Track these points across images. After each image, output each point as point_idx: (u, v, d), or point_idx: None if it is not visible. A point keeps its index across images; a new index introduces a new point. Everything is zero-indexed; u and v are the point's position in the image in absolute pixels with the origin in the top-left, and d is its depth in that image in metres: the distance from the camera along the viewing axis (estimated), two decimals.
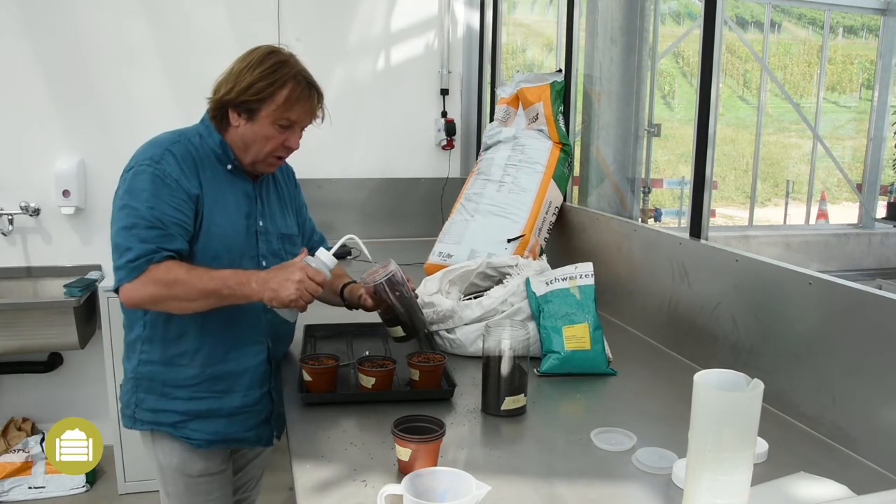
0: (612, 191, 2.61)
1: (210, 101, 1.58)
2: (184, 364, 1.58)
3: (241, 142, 1.57)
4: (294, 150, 1.61)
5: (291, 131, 1.57)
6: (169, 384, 1.59)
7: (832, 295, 1.38)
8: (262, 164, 1.60)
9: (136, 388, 1.61)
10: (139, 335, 1.59)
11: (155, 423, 1.62)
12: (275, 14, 3.29)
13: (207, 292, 1.43)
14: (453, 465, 1.18)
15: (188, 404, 1.60)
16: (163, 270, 1.42)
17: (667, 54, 7.54)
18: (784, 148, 12.34)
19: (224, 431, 1.64)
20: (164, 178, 1.48)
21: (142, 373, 1.60)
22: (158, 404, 1.60)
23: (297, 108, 1.54)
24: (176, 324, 1.55)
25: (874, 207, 5.18)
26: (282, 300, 1.41)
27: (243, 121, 1.55)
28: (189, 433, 1.61)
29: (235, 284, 1.43)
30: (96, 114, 3.17)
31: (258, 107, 1.52)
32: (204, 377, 1.59)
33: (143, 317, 1.57)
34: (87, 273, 3.17)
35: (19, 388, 3.29)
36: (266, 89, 1.50)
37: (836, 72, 13.71)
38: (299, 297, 1.41)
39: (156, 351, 1.58)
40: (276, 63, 1.53)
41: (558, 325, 1.69)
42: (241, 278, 1.44)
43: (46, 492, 2.98)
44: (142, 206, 1.46)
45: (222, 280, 1.43)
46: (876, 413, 1.27)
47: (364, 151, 3.52)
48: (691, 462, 0.99)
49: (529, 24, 9.39)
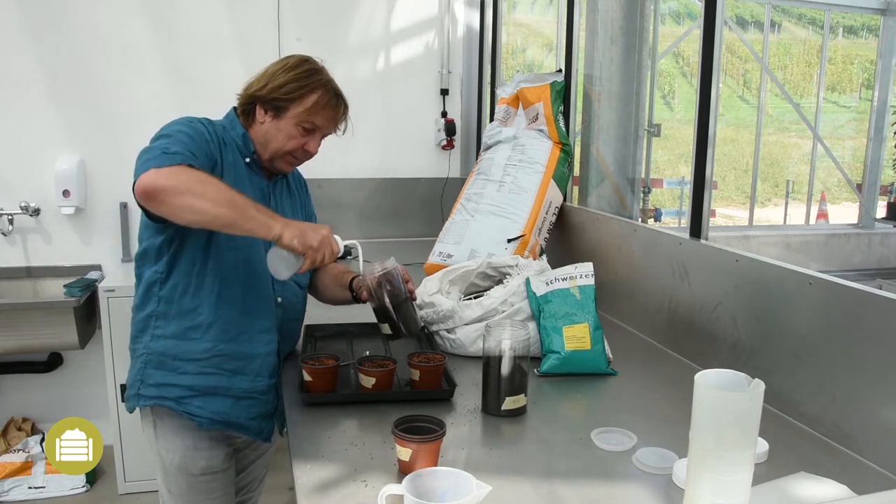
0: (612, 191, 2.61)
1: (240, 96, 1.64)
2: (196, 337, 1.58)
3: (264, 137, 1.62)
4: (312, 156, 1.66)
5: (313, 136, 1.63)
6: (180, 358, 1.59)
7: (832, 295, 1.38)
8: (280, 160, 1.64)
9: (146, 364, 1.61)
10: (153, 311, 1.59)
11: (158, 398, 1.60)
12: (275, 14, 3.29)
13: (234, 202, 1.38)
14: (453, 465, 1.18)
15: (196, 378, 1.59)
16: (196, 170, 1.39)
17: (667, 54, 7.54)
18: (784, 148, 12.34)
19: (228, 413, 1.63)
20: (197, 128, 1.53)
21: (154, 348, 1.59)
22: (165, 378, 1.60)
23: (323, 114, 1.61)
24: (191, 296, 1.57)
25: (874, 207, 5.19)
26: (305, 243, 1.42)
27: (269, 118, 1.60)
28: (192, 409, 1.60)
29: (263, 209, 1.43)
30: (96, 114, 3.18)
31: (286, 105, 1.58)
32: (216, 352, 1.59)
33: (157, 292, 1.58)
34: (87, 273, 3.17)
35: (19, 388, 3.29)
36: (297, 91, 1.57)
37: (836, 72, 13.70)
38: (320, 248, 1.43)
39: (170, 325, 1.58)
40: (310, 69, 1.61)
41: (558, 325, 1.69)
42: (267, 210, 1.45)
43: (46, 492, 2.98)
44: (175, 132, 1.48)
45: (251, 201, 1.41)
46: (876, 413, 1.27)
47: (364, 151, 3.52)
48: (692, 462, 0.99)
49: (529, 24, 9.38)
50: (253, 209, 1.40)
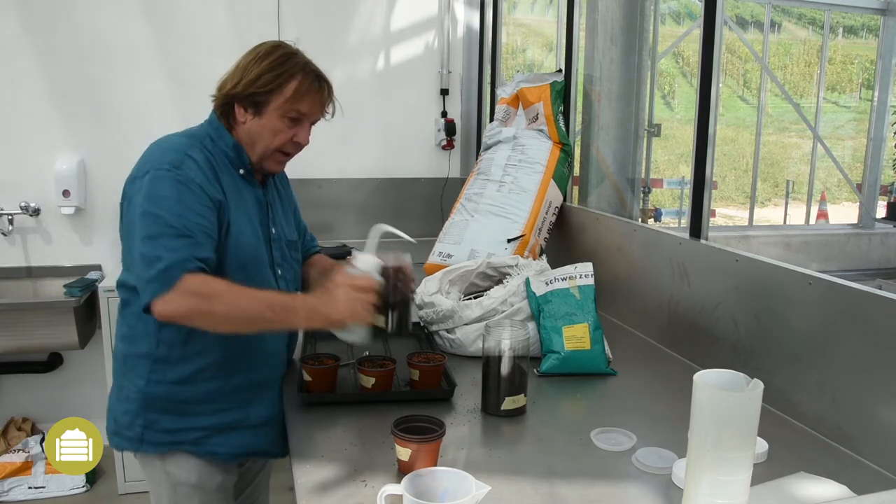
0: (612, 191, 2.61)
1: (215, 97, 1.52)
2: (206, 379, 1.47)
3: (248, 137, 1.51)
4: (303, 146, 1.55)
5: (301, 125, 1.51)
6: (189, 401, 1.47)
7: (832, 295, 1.38)
8: (270, 160, 1.54)
9: (146, 408, 1.47)
10: (149, 353, 1.46)
11: (172, 444, 1.48)
12: (275, 14, 3.29)
13: (250, 315, 1.31)
14: (453, 465, 1.18)
15: (211, 418, 1.49)
16: (199, 282, 1.30)
17: (667, 54, 7.54)
18: (784, 148, 12.35)
19: (248, 444, 1.56)
20: (188, 183, 1.38)
21: (153, 393, 1.46)
22: (176, 423, 1.47)
23: (307, 99, 1.49)
24: (197, 340, 1.44)
25: (874, 207, 5.19)
26: (332, 321, 1.33)
27: (250, 115, 1.49)
28: (213, 448, 1.51)
29: (280, 309, 1.33)
30: (96, 114, 3.18)
31: (266, 99, 1.47)
32: (228, 388, 1.49)
33: (156, 333, 1.44)
34: (87, 273, 3.17)
35: (19, 388, 3.29)
36: (274, 80, 1.45)
37: (835, 72, 13.71)
38: (351, 313, 1.32)
39: (173, 370, 1.45)
40: (283, 55, 1.48)
41: (558, 325, 1.69)
42: (286, 302, 1.36)
43: (46, 492, 2.98)
44: (166, 214, 1.34)
45: (267, 304, 1.32)
46: (876, 413, 1.27)
47: (364, 151, 3.52)
48: (691, 462, 0.99)
49: (529, 24, 9.39)
50: (269, 312, 1.32)
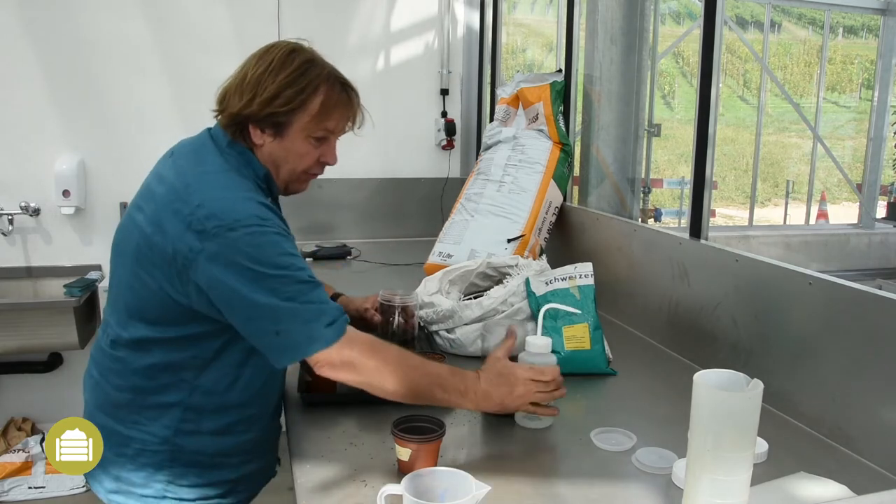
0: (612, 191, 2.61)
1: (220, 115, 1.29)
2: (242, 430, 1.33)
3: (270, 162, 1.29)
4: (331, 166, 1.38)
5: (327, 143, 1.33)
6: (222, 453, 1.32)
7: (832, 295, 1.38)
8: (296, 183, 1.36)
9: (172, 461, 1.28)
10: (180, 401, 1.26)
11: (202, 499, 1.32)
12: (275, 14, 3.29)
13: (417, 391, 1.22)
14: (453, 465, 1.17)
15: (242, 469, 1.36)
16: (361, 335, 1.21)
17: (667, 54, 7.54)
18: (784, 148, 12.36)
19: (261, 485, 1.48)
20: (284, 232, 1.21)
21: (182, 444, 1.27)
22: (204, 477, 1.30)
23: (335, 115, 1.30)
24: (240, 390, 1.29)
25: (874, 207, 5.20)
26: (506, 409, 1.29)
27: (269, 137, 1.27)
28: (238, 495, 1.39)
29: (453, 391, 1.23)
30: (96, 114, 3.17)
31: (288, 119, 1.25)
32: (263, 436, 1.40)
33: (191, 379, 1.26)
34: (86, 273, 3.17)
35: (19, 388, 3.28)
36: (296, 97, 1.24)
37: (835, 72, 13.72)
38: (524, 396, 1.27)
39: (209, 421, 1.28)
40: (303, 63, 1.26)
41: (558, 325, 1.69)
42: (458, 386, 1.24)
43: (46, 492, 2.98)
44: (290, 271, 1.17)
45: (439, 383, 1.22)
46: (876, 413, 1.27)
47: (364, 151, 3.52)
48: (691, 462, 0.99)
49: (529, 24, 9.40)
50: (440, 392, 1.23)
